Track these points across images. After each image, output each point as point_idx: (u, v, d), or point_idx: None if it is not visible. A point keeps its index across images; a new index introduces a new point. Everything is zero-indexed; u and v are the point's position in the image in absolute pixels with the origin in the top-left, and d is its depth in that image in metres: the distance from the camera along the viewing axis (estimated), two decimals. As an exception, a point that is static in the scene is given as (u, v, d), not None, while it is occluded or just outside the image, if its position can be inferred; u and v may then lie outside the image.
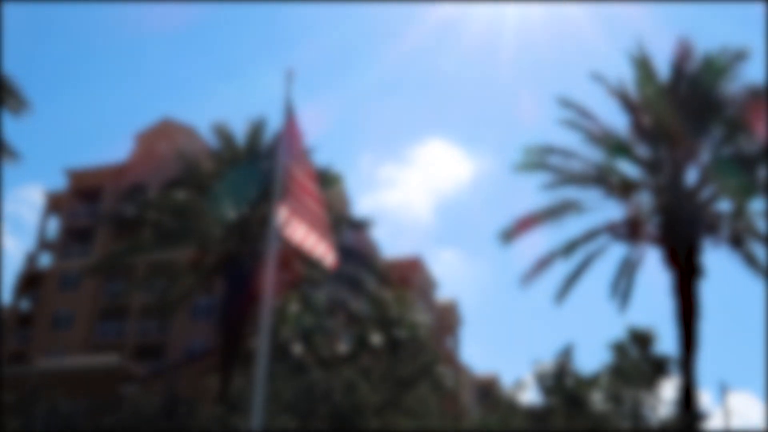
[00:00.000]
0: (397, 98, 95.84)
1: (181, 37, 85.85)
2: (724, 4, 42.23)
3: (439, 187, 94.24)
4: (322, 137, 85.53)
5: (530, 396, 24.52)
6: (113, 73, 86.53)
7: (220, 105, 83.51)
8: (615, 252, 24.34)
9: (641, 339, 23.72)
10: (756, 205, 22.02)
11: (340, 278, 25.39)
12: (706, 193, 22.44)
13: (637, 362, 22.79)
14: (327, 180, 25.41)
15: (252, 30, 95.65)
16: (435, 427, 20.72)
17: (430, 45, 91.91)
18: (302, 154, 9.85)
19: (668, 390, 22.20)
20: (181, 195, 25.37)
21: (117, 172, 54.91)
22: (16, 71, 60.39)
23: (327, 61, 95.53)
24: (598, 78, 23.57)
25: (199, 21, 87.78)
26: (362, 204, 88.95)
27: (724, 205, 22.44)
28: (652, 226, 22.74)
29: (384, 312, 30.80)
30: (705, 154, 22.40)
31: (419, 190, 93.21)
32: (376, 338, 33.42)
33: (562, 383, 23.17)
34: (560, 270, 23.74)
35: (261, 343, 8.84)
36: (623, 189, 22.89)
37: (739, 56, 22.47)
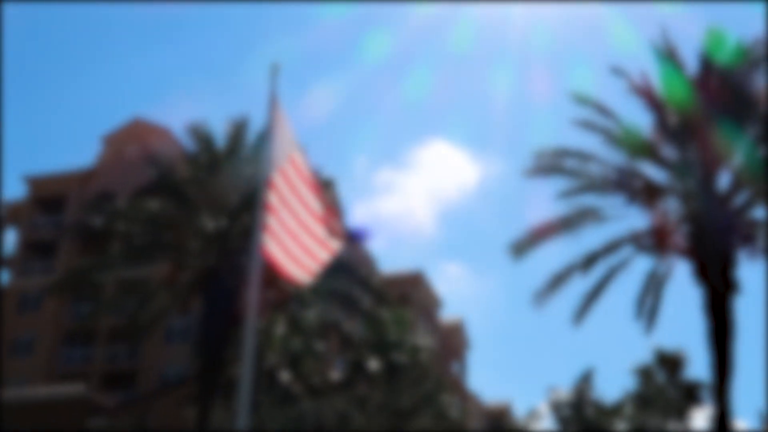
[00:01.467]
0: (396, 95, 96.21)
1: (154, 32, 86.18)
2: (724, 4, 46.57)
3: (442, 194, 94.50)
4: (311, 137, 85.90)
5: (545, 426, 24.53)
6: (78, 70, 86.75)
7: (197, 104, 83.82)
8: (639, 265, 24.44)
9: (669, 362, 23.75)
10: (796, 212, 21.99)
11: (333, 296, 25.38)
12: (740, 198, 22.36)
13: (664, 388, 22.79)
14: (318, 186, 25.18)
15: (233, 23, 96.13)
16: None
17: (431, 39, 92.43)
18: (293, 155, 10.02)
19: (700, 419, 22.22)
20: (153, 204, 25.34)
21: (82, 178, 54.92)
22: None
23: (316, 56, 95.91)
24: (618, 72, 23.53)
25: (173, 15, 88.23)
26: (357, 212, 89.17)
27: (760, 212, 22.33)
28: (680, 236, 22.65)
29: (381, 334, 30.79)
30: (738, 156, 22.37)
31: (420, 196, 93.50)
32: (372, 363, 33.44)
33: (581, 412, 23.19)
34: (578, 286, 23.56)
35: (244, 370, 8.82)
36: (648, 195, 22.82)
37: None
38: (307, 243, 9.61)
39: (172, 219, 24.97)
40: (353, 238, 27.63)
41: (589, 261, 22.94)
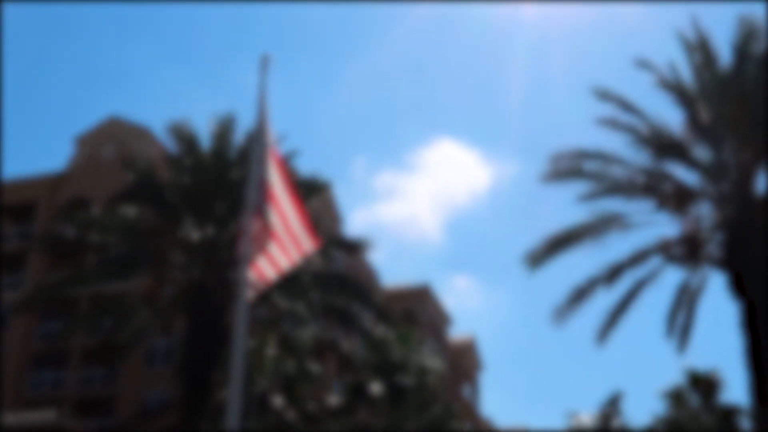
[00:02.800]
0: (398, 90, 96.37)
1: (130, 25, 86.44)
2: (724, 3, 49.54)
3: (450, 199, 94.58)
4: (304, 137, 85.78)
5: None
6: (48, 67, 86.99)
7: (179, 101, 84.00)
8: (670, 277, 24.64)
9: (703, 385, 23.73)
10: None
11: (330, 313, 25.30)
12: (780, 203, 22.44)
13: (698, 413, 22.77)
14: (311, 189, 25.42)
15: (221, 16, 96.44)
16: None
17: (437, 30, 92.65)
18: (276, 157, 10.10)
19: (737, 447, 22.15)
20: (131, 211, 25.34)
21: (53, 184, 55.01)
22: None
23: (310, 50, 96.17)
24: (643, 65, 23.57)
25: (149, 7, 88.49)
26: (355, 220, 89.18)
27: (803, 218, 22.42)
28: (714, 245, 22.71)
29: (384, 355, 30.77)
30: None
31: (426, 201, 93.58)
32: (374, 387, 33.42)
33: (606, 440, 23.18)
34: (602, 301, 23.66)
35: (232, 395, 8.83)
36: (678, 199, 22.86)
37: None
38: (285, 241, 9.81)
39: (153, 228, 24.96)
40: (351, 247, 27.71)
41: (613, 273, 22.92)
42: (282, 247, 9.79)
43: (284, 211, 9.87)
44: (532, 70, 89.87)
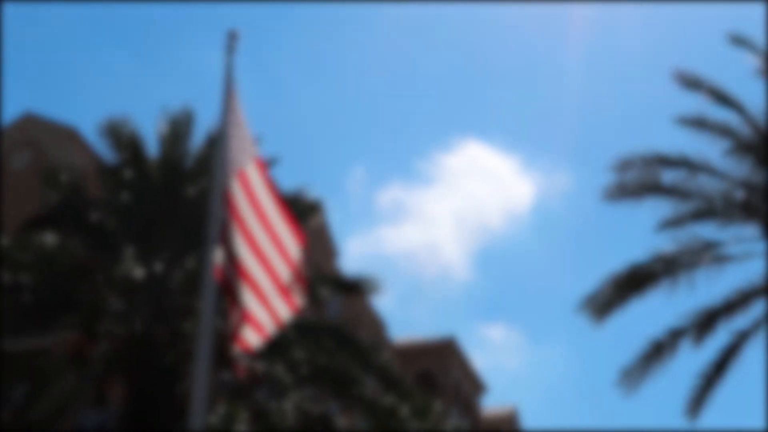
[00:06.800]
0: (406, 80, 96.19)
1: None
2: (724, 3, 56.08)
3: (480, 221, 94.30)
4: (285, 141, 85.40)
5: None
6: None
7: (119, 93, 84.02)
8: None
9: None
10: None
11: (321, 377, 25.37)
12: None
13: None
14: (300, 212, 25.51)
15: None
16: None
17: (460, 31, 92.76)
18: (253, 159, 10.31)
19: None
20: (52, 240, 25.33)
21: (-52, 203, 55.20)
22: None
23: (291, 27, 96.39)
24: (739, 42, 23.71)
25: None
26: (353, 250, 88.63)
27: None
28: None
29: (394, 433, 30.64)
30: None
31: (447, 224, 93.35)
32: (381, 478, 33.23)
33: None
34: (689, 360, 24.05)
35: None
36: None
37: None
38: (268, 292, 9.91)
39: (81, 263, 25.02)
40: (350, 288, 27.68)
41: (705, 322, 23.16)
42: (260, 295, 9.86)
43: (264, 239, 9.95)
44: (591, 50, 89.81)
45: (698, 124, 23.84)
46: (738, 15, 57.68)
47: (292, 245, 10.22)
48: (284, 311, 10.06)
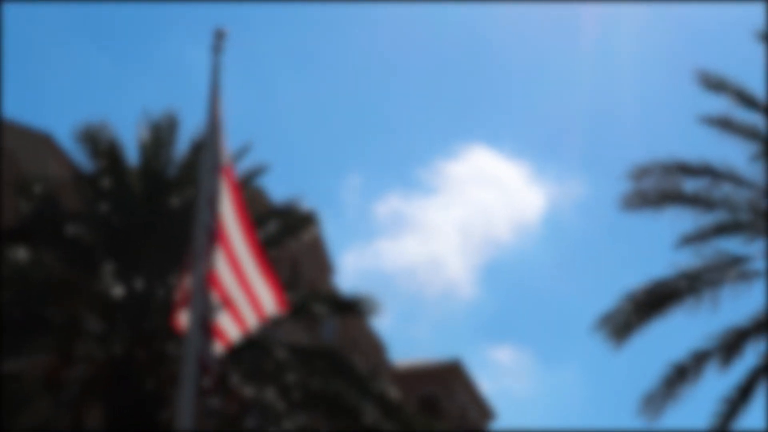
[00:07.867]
0: (405, 80, 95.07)
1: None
2: (724, 3, 57.83)
3: (487, 233, 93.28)
4: (275, 148, 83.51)
5: None
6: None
7: (97, 96, 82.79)
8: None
9: None
10: None
11: (316, 403, 24.89)
12: None
13: None
14: (288, 223, 25.54)
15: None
16: None
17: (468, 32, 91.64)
18: (230, 177, 10.58)
19: None
20: (24, 256, 24.80)
21: None
22: None
23: (280, 26, 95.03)
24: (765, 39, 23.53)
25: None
26: (349, 265, 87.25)
27: None
28: None
29: (395, 464, 30.22)
30: None
31: (451, 237, 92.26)
32: None
33: None
34: (716, 385, 23.50)
35: None
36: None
37: None
38: (240, 301, 10.21)
39: (56, 279, 24.46)
40: (346, 308, 27.38)
41: (732, 344, 22.85)
42: (231, 308, 10.21)
43: (236, 254, 10.25)
44: (604, 52, 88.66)
45: (724, 124, 23.51)
46: (738, 15, 58.17)
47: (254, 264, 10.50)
48: (252, 319, 10.38)
